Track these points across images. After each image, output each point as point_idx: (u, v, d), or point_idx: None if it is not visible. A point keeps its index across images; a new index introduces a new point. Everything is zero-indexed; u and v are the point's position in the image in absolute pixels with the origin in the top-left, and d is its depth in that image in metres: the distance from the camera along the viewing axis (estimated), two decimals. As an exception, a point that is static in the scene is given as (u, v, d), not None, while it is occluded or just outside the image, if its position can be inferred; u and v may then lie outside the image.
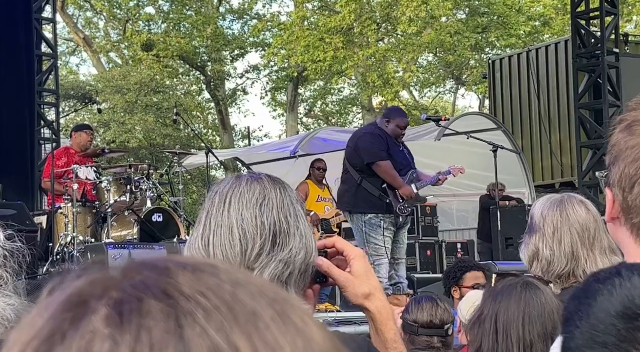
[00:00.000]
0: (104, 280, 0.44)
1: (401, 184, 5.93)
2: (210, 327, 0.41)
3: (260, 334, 0.42)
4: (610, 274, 0.81)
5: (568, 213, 2.15)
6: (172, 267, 0.44)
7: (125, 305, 0.42)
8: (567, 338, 0.80)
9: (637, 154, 1.10)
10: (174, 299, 0.42)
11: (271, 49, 22.64)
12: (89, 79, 23.87)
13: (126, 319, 0.41)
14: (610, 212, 1.16)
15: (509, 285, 1.92)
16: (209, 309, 0.42)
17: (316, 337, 0.44)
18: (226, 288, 0.44)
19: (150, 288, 0.43)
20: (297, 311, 0.45)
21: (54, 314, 0.43)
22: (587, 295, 0.80)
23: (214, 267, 0.45)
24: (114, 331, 0.41)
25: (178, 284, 0.43)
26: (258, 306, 0.43)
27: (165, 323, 0.41)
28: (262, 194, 1.35)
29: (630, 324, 0.76)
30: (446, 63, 22.96)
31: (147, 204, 6.97)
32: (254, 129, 25.21)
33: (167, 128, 20.20)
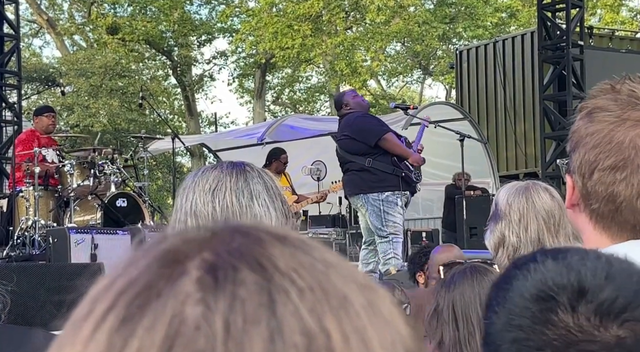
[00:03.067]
0: (199, 239, 0.43)
1: (409, 152, 5.99)
2: (303, 307, 0.40)
3: (351, 320, 0.40)
4: (527, 259, 0.82)
5: (534, 200, 2.16)
6: (265, 238, 0.43)
7: (219, 270, 0.40)
8: (487, 324, 0.81)
9: (597, 141, 1.11)
10: (268, 272, 0.41)
11: (239, 34, 22.47)
12: (52, 62, 23.45)
13: (220, 286, 0.40)
14: (570, 198, 1.17)
15: (458, 272, 1.93)
16: (302, 288, 0.40)
17: (403, 331, 0.42)
18: (319, 268, 0.42)
19: (245, 257, 0.41)
20: (385, 300, 0.43)
21: (149, 267, 0.41)
22: (505, 281, 0.81)
23: (305, 243, 0.44)
24: (207, 296, 0.39)
25: (273, 256, 0.41)
26: (349, 290, 0.42)
27: (258, 296, 0.39)
28: (216, 180, 1.43)
29: (543, 305, 0.76)
30: (414, 53, 23.04)
31: (111, 189, 6.88)
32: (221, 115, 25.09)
33: (132, 113, 19.96)
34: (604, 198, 1.12)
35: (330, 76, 22.72)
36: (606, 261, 0.79)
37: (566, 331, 0.75)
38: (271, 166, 8.11)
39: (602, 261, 0.79)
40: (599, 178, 1.12)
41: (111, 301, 0.40)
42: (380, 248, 5.88)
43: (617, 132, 1.10)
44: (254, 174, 1.46)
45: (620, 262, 0.79)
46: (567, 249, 0.82)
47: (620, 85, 1.14)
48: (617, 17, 22.82)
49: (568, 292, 0.76)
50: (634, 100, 1.11)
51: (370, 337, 0.40)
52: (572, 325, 0.75)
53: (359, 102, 6.16)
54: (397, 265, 5.76)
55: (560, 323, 0.75)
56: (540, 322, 0.76)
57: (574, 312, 0.75)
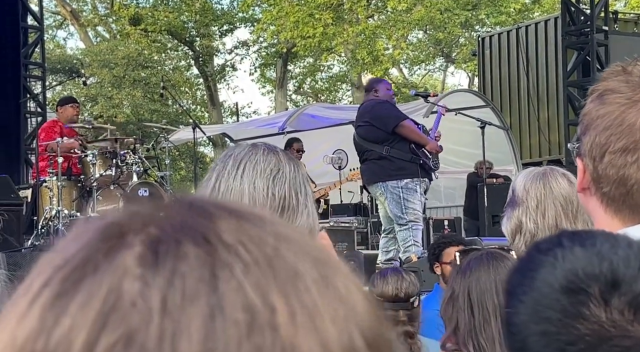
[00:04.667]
0: (144, 214, 0.41)
1: (427, 139, 6.00)
2: (247, 283, 0.38)
3: (299, 295, 0.39)
4: (552, 244, 0.78)
5: (551, 186, 2.14)
6: (215, 212, 0.41)
7: (162, 245, 0.39)
8: (511, 313, 0.77)
9: (608, 123, 1.09)
10: (212, 246, 0.39)
11: (260, 24, 22.45)
12: (76, 53, 23.63)
13: (161, 260, 0.38)
14: (581, 182, 1.16)
15: (475, 258, 1.92)
16: (248, 262, 0.39)
17: (359, 307, 0.41)
18: (269, 241, 0.40)
19: (190, 231, 0.40)
20: (342, 275, 0.41)
21: (89, 241, 0.40)
22: (529, 267, 0.77)
23: (259, 217, 0.42)
24: (146, 271, 0.38)
25: (219, 230, 0.40)
26: (300, 264, 0.40)
27: (200, 271, 0.38)
28: (277, 167, 1.35)
29: (574, 298, 0.73)
30: (436, 40, 22.87)
31: (132, 178, 6.93)
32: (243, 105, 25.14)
33: (154, 103, 20.07)
34: (615, 181, 1.10)
35: (351, 65, 22.63)
36: (639, 249, 0.75)
37: (599, 325, 0.72)
38: None
39: (634, 249, 0.75)
40: (610, 161, 1.10)
41: (47, 276, 0.39)
42: (400, 236, 5.87)
43: (629, 114, 1.08)
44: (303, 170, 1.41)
45: None
46: (593, 235, 0.78)
47: (632, 67, 1.12)
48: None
49: (600, 283, 0.73)
50: None
51: (321, 312, 0.39)
52: (605, 319, 0.72)
53: (388, 96, 6.17)
54: (417, 252, 5.74)
55: (593, 317, 0.72)
56: (571, 316, 0.73)
57: (606, 306, 0.72)
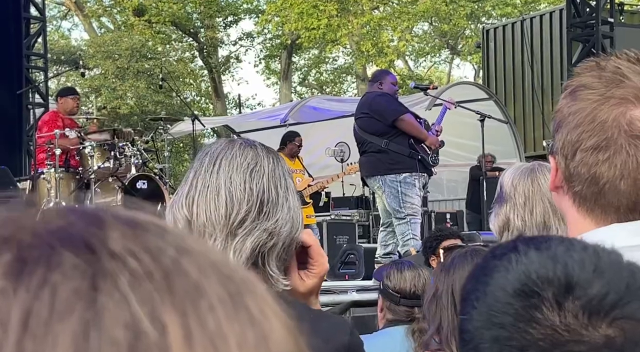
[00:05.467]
0: (19, 219, 0.36)
1: (426, 134, 5.97)
2: (133, 296, 0.33)
3: (198, 314, 0.33)
4: (507, 249, 0.75)
5: (539, 182, 2.10)
6: (106, 218, 0.36)
7: (32, 252, 0.34)
8: (465, 320, 0.75)
9: (579, 120, 1.05)
10: (95, 255, 0.34)
11: (264, 15, 22.40)
12: (80, 44, 23.64)
13: (28, 270, 0.33)
14: (554, 180, 1.12)
15: (458, 256, 1.89)
16: (137, 273, 0.33)
17: (274, 333, 0.35)
18: (169, 253, 0.35)
19: (70, 238, 0.34)
20: (256, 296, 0.36)
21: None
22: (484, 272, 0.75)
23: (161, 228, 0.37)
24: (7, 283, 0.32)
25: (107, 237, 0.35)
26: (205, 280, 0.35)
27: (76, 282, 0.33)
28: (254, 160, 1.32)
29: (527, 301, 0.71)
30: (441, 32, 22.77)
31: (131, 171, 6.91)
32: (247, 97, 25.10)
33: (158, 95, 20.05)
34: (586, 180, 1.06)
35: (356, 57, 22.56)
36: (594, 253, 0.73)
37: (552, 330, 0.70)
38: (285, 149, 8.07)
39: (589, 253, 0.73)
40: (582, 159, 1.06)
41: None
42: (399, 230, 5.85)
43: (600, 110, 1.04)
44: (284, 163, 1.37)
45: (608, 254, 0.74)
46: (550, 239, 0.77)
47: (606, 62, 1.08)
48: (651, -7, 22.29)
49: (554, 286, 0.71)
50: (618, 78, 1.05)
51: (225, 335, 0.33)
52: (559, 324, 0.70)
53: (392, 90, 6.12)
54: (416, 246, 5.72)
55: (546, 322, 0.70)
56: (524, 320, 0.71)
57: (560, 310, 0.70)
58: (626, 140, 1.03)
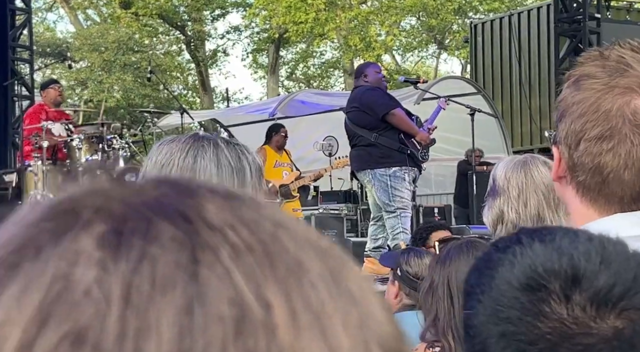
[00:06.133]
0: (107, 190, 0.33)
1: (417, 129, 5.96)
2: (236, 271, 0.31)
3: (302, 291, 0.31)
4: (511, 241, 0.75)
5: (532, 174, 2.10)
6: (198, 189, 0.34)
7: (127, 223, 0.31)
8: (470, 315, 0.74)
9: (583, 109, 1.05)
10: (193, 226, 0.32)
11: (252, 9, 22.32)
12: (65, 36, 23.46)
13: (125, 242, 0.31)
14: (557, 170, 1.12)
15: (454, 247, 1.89)
16: (238, 247, 0.31)
17: (376, 313, 0.33)
18: (266, 226, 0.33)
19: (165, 208, 0.32)
20: (354, 273, 0.34)
21: (33, 221, 0.32)
22: (488, 266, 0.74)
23: (254, 201, 0.34)
24: (105, 255, 0.31)
25: (203, 209, 0.32)
26: (305, 255, 0.32)
27: (175, 255, 0.31)
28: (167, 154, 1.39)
29: (533, 295, 0.70)
30: (429, 27, 22.79)
31: (119, 163, 6.88)
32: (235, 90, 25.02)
33: (145, 88, 19.95)
34: (590, 169, 1.06)
35: (344, 51, 22.54)
36: (599, 244, 0.73)
37: (560, 323, 0.70)
38: (271, 141, 8.03)
39: (594, 243, 0.73)
40: (586, 148, 1.06)
41: None
42: (388, 223, 5.85)
43: (604, 100, 1.04)
44: (209, 149, 1.37)
45: (614, 244, 0.73)
46: (554, 230, 0.76)
47: (609, 51, 1.08)
48: (637, -11, 22.40)
49: (561, 279, 0.70)
50: (622, 67, 1.05)
51: (330, 314, 0.31)
52: (567, 316, 0.70)
53: (378, 79, 6.12)
54: (405, 240, 5.72)
55: (554, 315, 0.70)
56: (532, 314, 0.70)
57: (567, 303, 0.70)
58: (630, 130, 1.03)
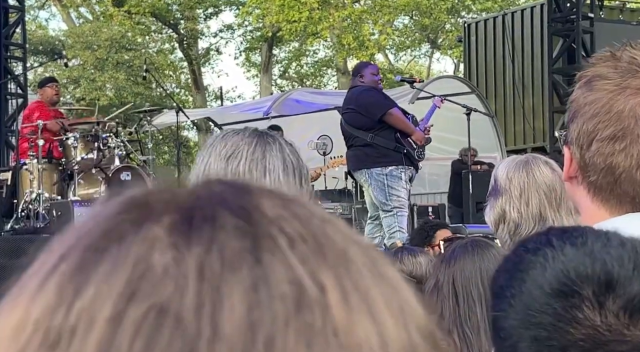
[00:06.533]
0: (174, 189, 0.38)
1: (413, 129, 5.98)
2: (293, 257, 0.35)
3: (351, 276, 0.35)
4: (541, 243, 0.74)
5: (534, 174, 2.12)
6: (254, 189, 0.38)
7: (196, 213, 0.36)
8: (500, 317, 0.74)
9: (596, 110, 1.06)
10: (253, 218, 0.36)
11: (245, 7, 22.29)
12: (58, 34, 23.36)
13: (195, 228, 0.35)
14: (568, 170, 1.13)
15: (459, 247, 1.90)
16: (293, 237, 0.36)
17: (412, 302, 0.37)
18: (314, 221, 0.37)
19: (228, 202, 0.36)
20: (389, 265, 0.38)
21: (111, 213, 0.36)
22: (518, 268, 0.74)
23: (303, 200, 0.39)
24: (178, 240, 0.34)
25: (260, 204, 0.37)
26: (350, 247, 0.37)
27: (240, 241, 0.35)
28: (233, 147, 1.40)
29: (566, 301, 0.70)
30: (422, 26, 22.82)
31: (115, 162, 6.86)
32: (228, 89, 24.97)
33: (138, 86, 19.90)
34: (602, 170, 1.08)
35: (337, 50, 22.55)
36: (632, 248, 0.72)
37: (593, 330, 0.69)
38: None
39: (627, 248, 0.72)
40: (598, 149, 1.07)
41: (64, 249, 0.36)
42: (385, 222, 5.87)
43: (617, 100, 1.06)
44: (274, 146, 1.41)
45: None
46: (584, 233, 0.75)
47: (621, 52, 1.09)
48: (629, -11, 22.50)
49: (594, 285, 0.69)
50: (634, 68, 1.06)
51: (374, 298, 0.35)
52: (600, 323, 0.69)
53: (374, 81, 6.12)
54: (402, 238, 5.75)
55: (587, 321, 0.69)
56: (564, 321, 0.70)
57: (601, 309, 0.69)
58: None
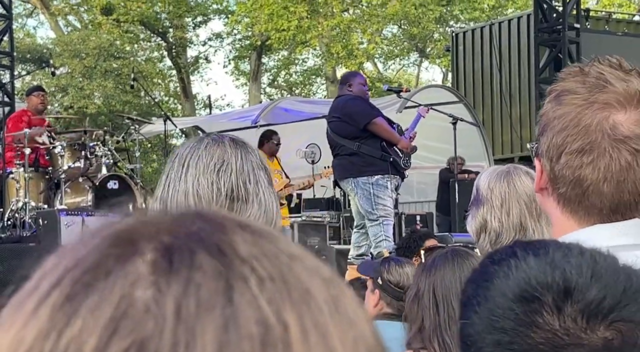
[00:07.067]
0: (156, 222, 0.41)
1: (398, 138, 6.00)
2: (261, 297, 0.38)
3: (312, 314, 0.39)
4: (506, 254, 0.78)
5: (515, 184, 2.14)
6: (229, 224, 0.41)
7: (176, 253, 0.39)
8: (466, 324, 0.77)
9: (564, 124, 1.09)
10: (228, 258, 0.39)
11: (234, 16, 22.33)
12: (46, 42, 23.30)
13: (175, 269, 0.38)
14: (539, 182, 1.16)
15: (439, 256, 1.92)
16: (262, 277, 0.39)
17: (367, 333, 0.41)
18: (282, 259, 0.40)
19: (205, 241, 0.39)
20: (350, 299, 0.41)
21: (99, 246, 0.39)
22: (484, 278, 0.77)
23: (271, 234, 0.42)
24: (159, 279, 0.38)
25: (234, 243, 0.40)
26: (313, 284, 0.40)
27: (215, 282, 0.38)
28: (221, 159, 1.32)
29: (527, 306, 0.73)
30: (410, 35, 22.92)
31: (102, 171, 6.85)
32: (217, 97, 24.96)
33: (126, 94, 19.86)
34: (571, 182, 1.10)
35: (326, 59, 22.61)
36: (590, 257, 0.76)
37: (552, 333, 0.72)
38: (263, 148, 8.06)
39: (586, 258, 0.75)
40: (566, 161, 1.10)
41: (57, 277, 0.39)
42: (371, 231, 5.89)
43: (585, 115, 1.08)
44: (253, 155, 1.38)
45: (604, 258, 0.76)
46: (547, 244, 0.79)
47: (589, 67, 1.12)
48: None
49: (553, 292, 0.73)
50: (601, 83, 1.09)
51: (331, 334, 0.38)
52: (558, 327, 0.72)
53: (362, 90, 6.15)
54: (388, 247, 5.77)
55: (546, 326, 0.72)
56: (525, 325, 0.73)
57: (559, 314, 0.72)
58: (609, 144, 1.07)
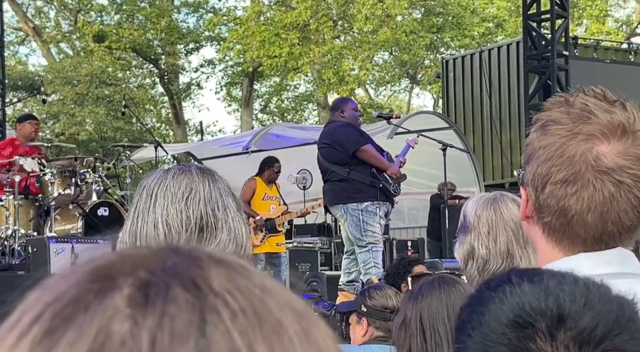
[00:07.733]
0: (134, 257, 0.43)
1: (387, 164, 6.02)
2: (234, 329, 0.40)
3: (282, 346, 0.40)
4: (501, 281, 0.79)
5: (502, 211, 2.15)
6: (204, 258, 0.43)
7: (151, 287, 0.40)
8: (460, 349, 0.77)
9: (549, 154, 1.10)
10: (202, 292, 0.41)
11: (226, 43, 22.47)
12: (38, 69, 23.36)
13: (150, 302, 0.40)
14: (524, 210, 1.17)
15: (426, 283, 1.92)
16: (235, 310, 0.40)
17: None
18: (255, 292, 0.42)
19: (180, 275, 0.41)
20: (321, 330, 0.43)
21: (79, 281, 0.41)
22: (479, 303, 0.78)
23: (245, 268, 0.44)
24: (135, 312, 0.39)
25: (208, 277, 0.41)
26: (284, 317, 0.42)
27: (189, 315, 0.39)
28: (189, 187, 1.33)
29: (521, 332, 0.73)
30: (401, 62, 23.11)
31: (92, 198, 6.83)
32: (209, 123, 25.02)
33: (118, 121, 19.87)
34: (555, 212, 1.11)
35: (317, 85, 22.74)
36: (584, 286, 0.77)
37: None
38: (263, 174, 8.03)
39: (580, 286, 0.77)
40: (551, 191, 1.11)
41: (37, 312, 0.40)
42: (360, 258, 5.88)
43: (569, 146, 1.09)
44: (221, 182, 1.38)
45: (598, 287, 0.77)
46: (542, 271, 0.80)
47: (574, 98, 1.13)
48: (603, 27, 22.99)
49: (547, 318, 0.73)
50: (586, 114, 1.10)
51: None
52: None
53: (353, 117, 6.18)
54: (377, 274, 5.75)
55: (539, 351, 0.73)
56: (518, 350, 0.73)
57: (552, 341, 0.72)
58: (593, 175, 1.08)
